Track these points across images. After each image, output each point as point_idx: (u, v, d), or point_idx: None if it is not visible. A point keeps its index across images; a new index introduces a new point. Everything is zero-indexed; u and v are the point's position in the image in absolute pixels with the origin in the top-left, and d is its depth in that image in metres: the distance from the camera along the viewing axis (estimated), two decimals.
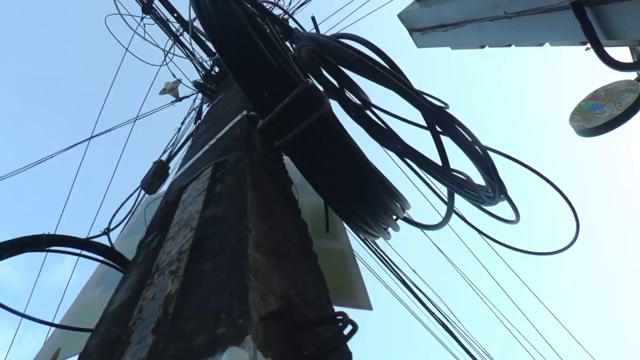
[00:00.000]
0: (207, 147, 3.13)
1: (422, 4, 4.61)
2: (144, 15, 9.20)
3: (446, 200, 2.82)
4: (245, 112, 3.03)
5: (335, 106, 2.52)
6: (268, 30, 2.50)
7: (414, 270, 8.18)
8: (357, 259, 2.96)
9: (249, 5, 2.51)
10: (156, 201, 4.00)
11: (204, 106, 8.70)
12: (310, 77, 2.81)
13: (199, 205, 1.98)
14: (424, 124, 2.47)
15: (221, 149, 2.61)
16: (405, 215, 3.06)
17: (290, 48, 3.18)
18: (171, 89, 9.05)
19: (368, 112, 2.62)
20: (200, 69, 8.85)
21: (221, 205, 1.67)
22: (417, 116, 2.75)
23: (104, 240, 2.92)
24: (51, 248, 2.40)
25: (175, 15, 9.50)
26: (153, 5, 9.25)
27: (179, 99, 9.26)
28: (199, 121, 8.35)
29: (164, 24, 9.36)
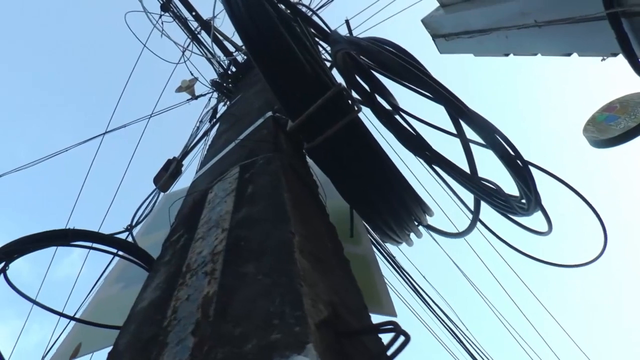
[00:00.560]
0: (231, 146, 3.11)
1: (447, 10, 4.59)
2: (162, 12, 9.23)
3: (471, 208, 2.79)
4: (270, 113, 3.01)
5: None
6: (299, 31, 2.49)
7: (424, 277, 8.14)
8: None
9: (282, 5, 2.49)
10: (174, 199, 4.00)
11: (220, 105, 8.72)
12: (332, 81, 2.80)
13: (229, 206, 1.96)
14: (453, 131, 2.44)
15: (248, 149, 2.59)
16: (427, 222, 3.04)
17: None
18: (187, 87, 9.07)
19: (397, 117, 2.60)
20: (217, 68, 8.85)
21: (255, 206, 1.66)
22: (442, 122, 2.73)
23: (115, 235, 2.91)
24: (75, 243, 2.40)
25: (194, 14, 9.52)
26: (172, 3, 9.28)
27: (194, 97, 9.28)
28: (214, 120, 8.37)
29: (182, 22, 9.38)
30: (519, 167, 1.70)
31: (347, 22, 2.20)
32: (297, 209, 1.54)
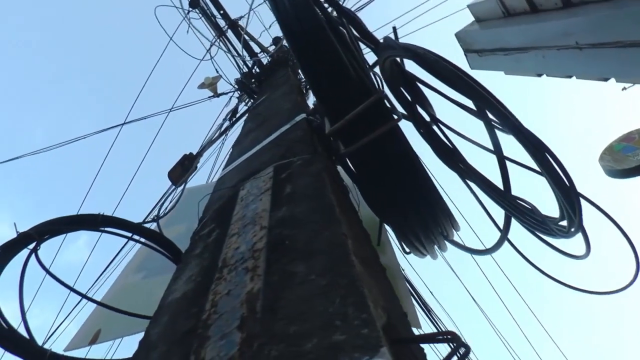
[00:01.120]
0: (261, 145, 3.11)
1: (483, 26, 4.57)
2: (190, 9, 9.28)
3: (499, 225, 2.76)
4: (304, 116, 3.01)
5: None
6: (346, 33, 2.48)
7: (431, 292, 8.09)
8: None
9: (329, 7, 2.49)
10: (198, 193, 4.01)
11: (240, 106, 8.74)
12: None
13: (265, 204, 1.95)
14: (490, 147, 2.42)
15: (282, 149, 2.58)
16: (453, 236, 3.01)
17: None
18: (210, 84, 9.10)
19: (435, 129, 2.58)
20: (241, 67, 8.87)
21: (298, 207, 1.64)
22: (479, 136, 2.71)
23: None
24: (104, 228, 2.40)
25: (222, 12, 9.57)
26: (201, 0, 9.32)
27: (216, 95, 9.31)
28: (234, 119, 8.39)
29: (209, 19, 9.42)
30: (567, 190, 1.67)
31: (394, 29, 2.19)
32: (343, 212, 1.52)
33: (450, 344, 0.94)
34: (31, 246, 2.07)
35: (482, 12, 4.62)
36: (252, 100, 8.44)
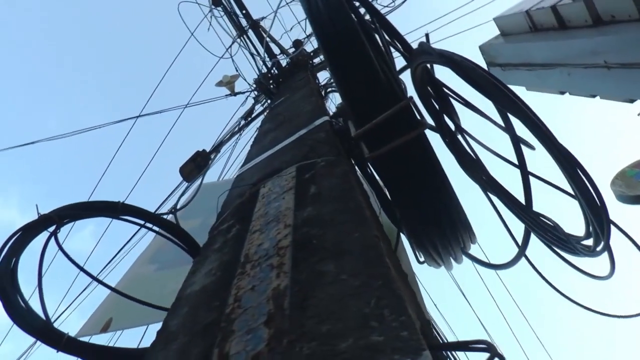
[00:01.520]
0: (280, 146, 3.11)
1: (508, 40, 4.55)
2: (213, 6, 9.32)
3: (517, 241, 2.73)
4: (327, 118, 3.01)
5: None
6: (377, 37, 2.47)
7: (436, 306, 8.04)
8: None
9: (362, 9, 2.49)
10: (214, 189, 4.01)
11: (257, 106, 8.76)
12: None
13: (288, 203, 1.95)
14: (515, 161, 2.40)
15: (305, 150, 2.58)
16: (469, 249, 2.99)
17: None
18: (228, 82, 9.12)
19: (460, 139, 2.57)
20: (260, 68, 8.90)
21: (324, 207, 1.63)
22: (504, 149, 2.69)
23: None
24: (123, 217, 2.40)
25: (244, 12, 9.60)
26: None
27: (233, 94, 9.32)
28: (249, 119, 8.41)
29: (231, 18, 9.44)
30: (597, 207, 1.65)
31: (426, 35, 2.18)
32: (371, 215, 1.51)
33: (484, 353, 0.92)
34: (51, 229, 2.07)
35: (508, 26, 4.60)
36: (269, 101, 8.46)
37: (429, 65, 2.30)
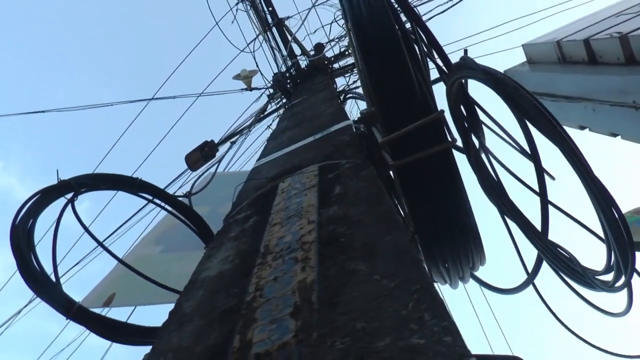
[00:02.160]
0: (301, 144, 3.11)
1: (534, 68, 4.55)
2: (239, 0, 9.32)
3: (526, 267, 2.72)
4: (351, 122, 3.00)
5: None
6: (417, 48, 2.47)
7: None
8: None
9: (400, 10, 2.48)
10: (229, 179, 4.00)
11: (270, 105, 8.75)
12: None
13: (310, 200, 1.94)
14: (536, 189, 2.40)
15: (327, 150, 2.57)
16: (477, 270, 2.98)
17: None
18: (246, 76, 9.11)
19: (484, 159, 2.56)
20: (279, 66, 8.90)
21: (352, 208, 1.63)
22: (525, 175, 2.68)
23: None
24: (140, 193, 2.39)
25: (270, 9, 9.61)
26: None
27: (249, 89, 9.31)
28: (262, 116, 8.39)
29: (257, 13, 9.45)
30: (624, 242, 1.64)
31: (465, 51, 2.17)
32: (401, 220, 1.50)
33: None
34: (68, 196, 2.06)
35: (536, 54, 4.61)
36: (283, 100, 8.46)
37: (462, 81, 2.30)
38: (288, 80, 8.68)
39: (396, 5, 2.48)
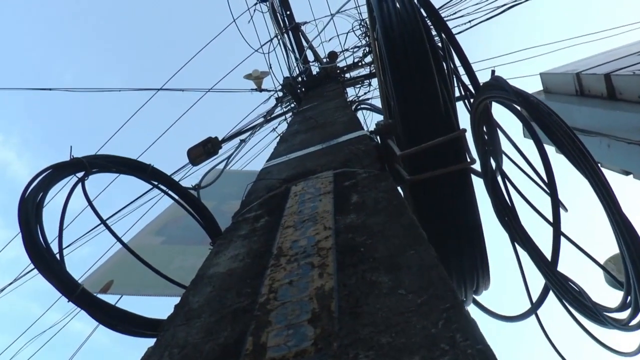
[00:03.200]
0: (314, 149, 3.08)
1: (550, 97, 4.53)
2: (259, 1, 9.32)
3: (531, 297, 2.68)
4: (367, 132, 2.98)
5: None
6: (445, 66, 2.45)
7: None
8: None
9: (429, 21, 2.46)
10: (237, 178, 3.96)
11: (277, 108, 8.72)
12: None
13: (326, 206, 1.91)
14: (549, 217, 2.37)
15: (342, 158, 2.54)
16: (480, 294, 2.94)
17: None
18: (257, 77, 9.08)
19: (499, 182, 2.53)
20: (291, 70, 8.88)
21: (372, 218, 1.59)
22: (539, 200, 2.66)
23: None
24: (151, 180, 2.35)
25: (288, 13, 9.61)
26: None
27: (259, 90, 9.29)
28: (269, 118, 8.36)
29: (275, 16, 9.43)
30: None
31: (492, 72, 2.15)
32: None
33: None
34: (79, 174, 2.02)
35: (553, 84, 4.59)
36: (292, 104, 8.44)
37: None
38: (299, 85, 8.65)
39: (427, 18, 2.46)
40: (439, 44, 2.52)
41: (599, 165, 4.07)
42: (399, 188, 2.72)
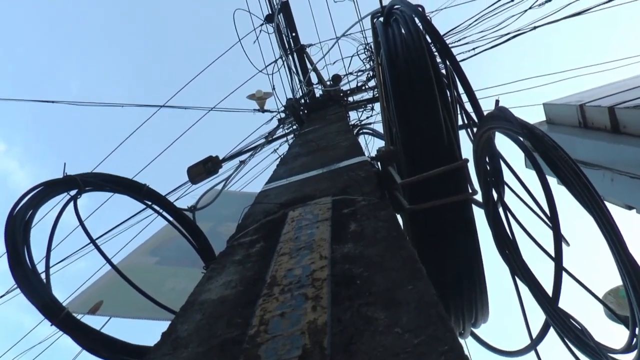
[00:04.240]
0: (314, 173, 3.04)
1: (553, 129, 4.50)
2: (265, 22, 9.37)
3: (531, 333, 2.62)
4: (367, 159, 2.94)
5: None
6: (449, 94, 2.42)
7: None
8: None
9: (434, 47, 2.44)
10: (235, 199, 3.91)
11: (279, 130, 8.69)
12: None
13: (323, 234, 1.86)
14: (551, 254, 2.33)
15: (342, 184, 2.49)
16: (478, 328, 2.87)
17: None
18: (260, 97, 9.09)
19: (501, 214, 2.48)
20: (295, 92, 8.88)
21: (370, 248, 1.55)
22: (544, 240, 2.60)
23: None
24: (146, 201, 2.31)
25: (294, 34, 9.65)
26: (277, 18, 9.40)
27: (261, 110, 9.29)
28: (269, 140, 8.33)
29: (280, 37, 9.46)
30: None
31: (497, 102, 2.11)
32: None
33: None
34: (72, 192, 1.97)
35: (556, 115, 4.57)
36: (294, 126, 8.42)
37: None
38: (302, 107, 8.65)
39: (431, 44, 2.44)
40: (443, 71, 2.50)
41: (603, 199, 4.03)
42: (397, 216, 2.68)
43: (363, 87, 9.43)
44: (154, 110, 9.10)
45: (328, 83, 9.60)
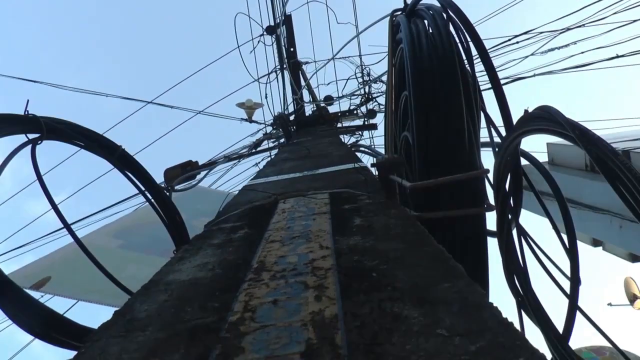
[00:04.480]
0: (308, 173, 2.77)
1: (556, 169, 4.31)
2: (265, 32, 9.17)
3: None
4: (366, 165, 2.72)
5: None
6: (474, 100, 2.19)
7: None
8: None
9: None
10: (199, 194, 3.66)
11: (264, 143, 8.40)
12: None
13: (322, 225, 1.61)
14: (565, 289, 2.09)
15: (340, 184, 2.23)
16: None
17: None
18: (250, 107, 8.82)
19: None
20: (286, 107, 8.66)
21: (385, 243, 1.31)
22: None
23: None
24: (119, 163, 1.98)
25: (292, 49, 9.47)
26: (279, 30, 9.22)
27: (249, 120, 9.00)
28: (253, 150, 8.03)
29: (279, 50, 9.27)
30: None
31: (525, 111, 1.88)
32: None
33: None
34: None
35: (561, 157, 4.40)
36: (281, 140, 8.16)
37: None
38: (291, 122, 8.42)
39: (460, 43, 2.22)
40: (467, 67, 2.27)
41: (600, 246, 3.83)
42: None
43: (355, 112, 9.25)
44: (140, 106, 8.76)
45: (322, 105, 9.40)
